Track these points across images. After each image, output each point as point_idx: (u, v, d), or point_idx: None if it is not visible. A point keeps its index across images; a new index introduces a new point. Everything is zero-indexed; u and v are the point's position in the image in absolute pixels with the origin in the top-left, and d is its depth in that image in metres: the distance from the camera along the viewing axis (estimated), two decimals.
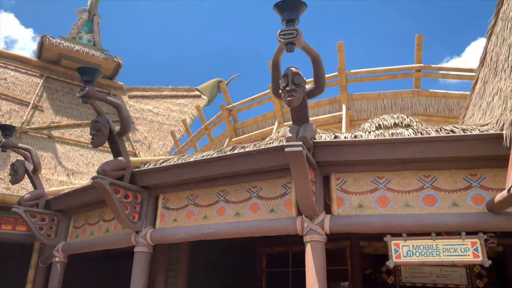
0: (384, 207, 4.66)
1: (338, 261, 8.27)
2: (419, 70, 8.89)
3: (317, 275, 4.44)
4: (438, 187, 4.58)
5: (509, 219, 4.25)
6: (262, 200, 5.11)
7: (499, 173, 4.43)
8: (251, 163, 4.98)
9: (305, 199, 4.42)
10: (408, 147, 4.49)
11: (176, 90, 16.29)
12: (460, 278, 7.94)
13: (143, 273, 5.56)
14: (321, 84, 4.33)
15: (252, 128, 10.84)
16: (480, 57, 5.58)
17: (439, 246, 4.45)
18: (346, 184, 4.84)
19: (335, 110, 9.60)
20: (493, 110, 4.64)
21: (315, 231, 4.60)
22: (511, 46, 4.30)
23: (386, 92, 9.25)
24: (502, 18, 4.85)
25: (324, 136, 4.97)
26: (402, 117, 7.03)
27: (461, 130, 4.44)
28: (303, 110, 4.41)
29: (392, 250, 4.55)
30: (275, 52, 4.18)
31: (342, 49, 8.88)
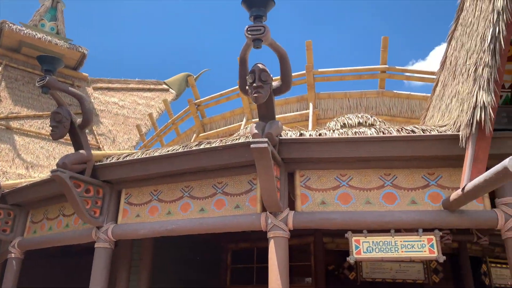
0: (346, 204, 4.76)
1: (302, 257, 8.37)
2: (384, 71, 9.13)
3: (279, 270, 4.48)
4: (398, 185, 4.73)
5: (463, 216, 4.45)
6: (228, 196, 5.10)
7: (455, 172, 4.63)
8: (217, 159, 4.96)
9: (270, 196, 4.45)
10: (370, 145, 4.60)
11: (143, 83, 15.97)
12: (418, 274, 8.23)
13: (103, 269, 5.43)
14: (288, 82, 4.36)
15: (220, 124, 10.80)
16: (441, 60, 5.79)
17: (398, 242, 4.61)
18: (310, 181, 4.91)
19: (303, 108, 9.72)
20: (451, 112, 4.84)
21: (279, 227, 4.64)
22: (469, 51, 4.49)
23: (352, 92, 9.45)
24: (461, 24, 5.05)
25: (290, 133, 5.02)
26: (366, 116, 7.20)
27: (421, 131, 4.60)
28: (269, 107, 4.43)
29: (352, 246, 4.66)
30: (243, 48, 4.17)
31: (310, 48, 8.98)
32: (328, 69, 9.37)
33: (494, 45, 3.90)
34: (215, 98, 10.75)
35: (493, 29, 3.90)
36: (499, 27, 3.86)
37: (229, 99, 10.52)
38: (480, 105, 3.92)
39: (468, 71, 4.39)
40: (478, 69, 4.05)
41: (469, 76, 4.32)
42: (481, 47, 4.08)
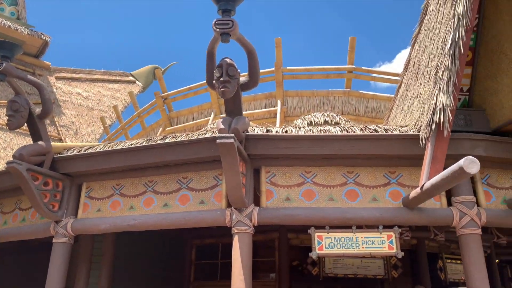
0: (310, 200, 4.82)
1: (266, 253, 8.43)
2: (351, 71, 9.30)
3: (243, 266, 4.48)
4: (360, 182, 4.84)
5: (421, 214, 4.61)
6: (192, 192, 5.05)
7: (415, 171, 4.78)
8: (182, 153, 4.89)
9: (235, 191, 4.44)
10: (334, 143, 4.68)
11: (108, 74, 15.52)
12: (378, 269, 8.48)
13: (61, 265, 5.25)
14: (256, 78, 4.36)
15: (188, 118, 10.66)
16: (405, 62, 5.96)
17: (359, 238, 4.71)
18: (276, 177, 4.94)
19: (271, 105, 9.75)
20: (412, 113, 4.99)
21: (243, 222, 4.64)
22: (431, 54, 4.64)
23: (319, 91, 9.57)
24: (425, 27, 5.21)
25: (256, 129, 5.02)
26: (332, 115, 7.29)
27: (384, 130, 4.72)
28: (236, 102, 4.41)
29: (315, 242, 4.73)
30: (210, 42, 4.13)
31: (279, 45, 9.02)
32: (297, 67, 9.45)
33: (454, 50, 4.05)
34: (183, 92, 10.59)
35: (453, 34, 4.04)
36: (459, 33, 4.01)
37: (197, 94, 10.40)
38: (439, 107, 4.06)
39: (430, 74, 4.54)
40: (439, 72, 4.19)
41: (430, 79, 4.47)
42: (442, 51, 4.23)
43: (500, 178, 4.85)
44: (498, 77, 4.71)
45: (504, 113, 4.64)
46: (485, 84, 4.94)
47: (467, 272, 4.35)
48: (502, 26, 4.59)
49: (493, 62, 4.78)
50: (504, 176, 4.87)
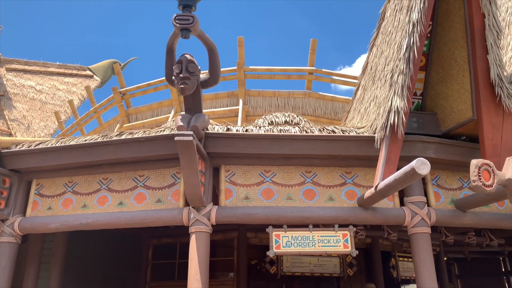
0: (269, 199, 4.84)
1: (225, 252, 8.40)
2: (311, 73, 9.43)
3: (199, 265, 4.43)
4: (317, 182, 4.91)
5: (375, 213, 4.75)
6: (149, 190, 4.93)
7: (370, 171, 4.92)
8: (139, 150, 4.77)
9: (193, 190, 4.38)
10: (293, 143, 4.73)
11: (64, 67, 14.87)
12: (334, 268, 8.67)
13: (7, 266, 4.96)
14: (216, 75, 4.31)
15: (147, 115, 10.41)
16: (363, 66, 6.11)
17: (315, 237, 4.79)
18: (235, 176, 4.92)
19: (233, 104, 9.72)
20: (369, 115, 5.13)
21: (201, 222, 4.59)
22: (387, 58, 4.79)
23: (281, 91, 9.65)
24: (382, 32, 5.38)
25: (217, 128, 4.98)
26: (292, 115, 7.38)
27: (341, 131, 4.82)
28: (196, 99, 4.35)
29: (273, 241, 4.76)
30: (170, 37, 4.05)
31: (242, 44, 9.01)
32: (259, 67, 9.47)
33: (409, 54, 4.20)
34: (142, 88, 10.33)
35: (408, 39, 4.19)
36: (414, 38, 4.16)
37: (157, 90, 10.17)
38: (394, 110, 4.20)
39: (386, 77, 4.69)
40: (394, 76, 4.33)
41: (386, 82, 4.62)
42: (397, 56, 4.37)
43: (449, 179, 5.09)
44: (449, 83, 4.93)
45: (454, 117, 4.86)
46: (437, 89, 5.17)
47: (417, 269, 4.52)
48: (454, 34, 4.82)
49: (445, 68, 5.00)
50: (453, 177, 5.11)
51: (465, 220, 4.91)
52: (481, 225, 5.15)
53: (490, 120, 4.42)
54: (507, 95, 4.39)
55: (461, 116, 4.72)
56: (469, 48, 4.52)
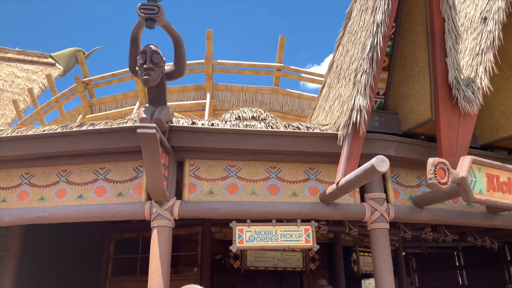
0: (233, 194, 4.84)
1: (190, 247, 8.35)
2: (280, 69, 9.48)
3: (161, 260, 4.38)
4: (282, 178, 4.96)
5: (336, 209, 4.85)
6: (110, 183, 4.81)
7: (332, 168, 5.01)
8: (100, 142, 4.64)
9: (156, 184, 4.31)
10: (259, 139, 4.74)
11: (24, 53, 14.20)
12: (297, 262, 8.80)
13: None
14: (181, 67, 4.25)
15: (111, 106, 10.14)
16: (329, 64, 6.20)
17: (278, 232, 4.84)
18: (200, 171, 4.89)
19: (200, 97, 9.63)
20: (333, 113, 5.22)
21: (164, 216, 4.53)
22: (352, 57, 4.88)
23: (249, 86, 9.65)
24: (348, 31, 5.47)
25: (182, 121, 4.92)
26: (260, 111, 7.40)
27: (305, 128, 4.88)
28: (160, 91, 4.27)
29: (236, 235, 4.77)
30: (135, 27, 3.95)
31: (210, 38, 8.92)
32: (227, 61, 9.42)
33: (372, 54, 4.29)
34: (107, 78, 10.03)
35: (372, 39, 4.29)
36: (377, 39, 4.26)
37: (122, 80, 9.91)
38: (357, 108, 4.29)
39: (350, 76, 4.78)
40: (358, 75, 4.42)
41: (350, 81, 4.71)
42: (361, 55, 4.47)
43: (408, 177, 5.26)
44: (410, 84, 5.09)
45: (414, 117, 5.03)
46: (399, 89, 5.32)
47: (375, 264, 4.66)
48: (415, 36, 4.97)
49: (406, 69, 5.15)
50: (412, 175, 5.29)
51: (422, 217, 5.10)
52: (436, 221, 5.37)
53: (447, 121, 4.59)
54: (463, 97, 4.58)
55: (421, 116, 4.88)
56: (429, 50, 4.67)
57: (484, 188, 4.22)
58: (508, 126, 5.45)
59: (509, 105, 5.46)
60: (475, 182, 4.15)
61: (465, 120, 4.69)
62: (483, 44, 4.74)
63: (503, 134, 5.50)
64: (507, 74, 5.46)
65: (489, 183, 4.26)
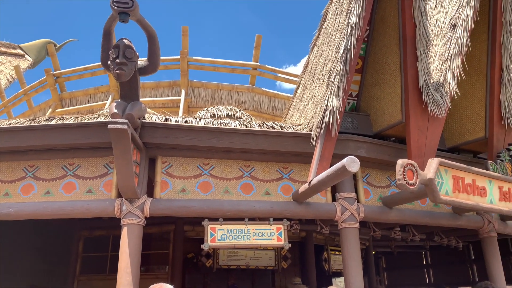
0: (206, 192, 4.82)
1: (161, 245, 8.26)
2: (256, 68, 9.50)
3: (131, 258, 4.31)
4: (255, 176, 4.97)
5: (308, 208, 4.90)
6: (79, 179, 4.70)
7: (305, 167, 5.07)
8: (70, 137, 4.52)
9: (126, 181, 4.24)
10: (233, 137, 4.73)
11: None
12: (269, 261, 8.84)
13: None
14: (155, 63, 4.19)
15: (82, 100, 9.89)
16: (304, 65, 6.26)
17: (250, 230, 4.85)
18: (172, 168, 4.84)
19: (175, 94, 9.53)
20: (307, 113, 5.27)
21: (134, 214, 4.46)
22: (326, 59, 4.94)
23: (225, 84, 9.62)
24: (323, 33, 5.53)
25: (154, 117, 4.85)
26: (235, 109, 7.39)
27: (280, 127, 4.91)
28: (133, 87, 4.20)
29: (208, 234, 4.75)
30: (108, 20, 3.87)
31: (186, 34, 8.85)
32: (203, 58, 9.36)
33: (346, 56, 4.36)
34: (78, 72, 9.78)
35: (346, 41, 4.35)
36: (351, 41, 4.33)
37: (95, 75, 9.69)
38: (330, 109, 4.35)
39: (324, 77, 4.84)
40: (331, 76, 4.48)
41: (324, 82, 4.77)
42: (335, 57, 4.53)
43: (378, 177, 5.38)
44: (382, 86, 5.20)
45: (385, 119, 5.14)
46: (371, 91, 5.43)
47: (345, 262, 4.74)
48: (388, 40, 5.08)
49: (379, 72, 5.26)
50: (382, 176, 5.41)
51: (391, 216, 5.22)
52: (405, 221, 5.50)
53: (417, 124, 4.72)
54: (433, 101, 4.72)
55: (392, 118, 5.00)
56: (401, 54, 4.79)
57: (450, 190, 4.35)
58: (474, 130, 5.66)
59: (475, 110, 5.66)
60: (441, 184, 4.28)
61: (434, 123, 4.83)
62: (452, 50, 4.89)
63: (469, 138, 5.70)
64: (473, 80, 5.66)
65: (455, 185, 4.40)
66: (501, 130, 5.42)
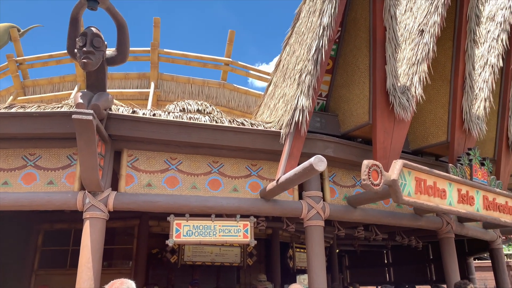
0: (173, 187, 4.75)
1: (126, 240, 8.10)
2: (228, 64, 9.46)
3: (92, 253, 4.19)
4: (224, 173, 4.95)
5: (275, 205, 4.93)
6: (40, 170, 4.52)
7: (274, 165, 5.09)
8: (31, 126, 4.33)
9: (90, 173, 4.12)
10: (202, 132, 4.69)
11: None
12: (235, 257, 8.85)
13: None
14: (124, 53, 4.08)
15: (46, 89, 9.52)
16: (276, 63, 6.28)
17: (217, 227, 4.83)
18: (138, 162, 4.74)
19: (144, 86, 9.35)
20: (277, 111, 5.29)
21: (97, 207, 4.34)
22: (298, 58, 4.97)
23: (196, 79, 9.52)
24: (296, 32, 5.57)
25: (122, 109, 4.73)
26: (205, 104, 7.31)
27: (250, 124, 4.90)
28: (100, 77, 4.08)
29: (173, 229, 4.70)
30: (75, 6, 3.73)
31: (158, 25, 8.68)
32: (174, 51, 9.22)
33: (317, 56, 4.40)
34: (43, 59, 9.40)
35: (318, 41, 4.39)
36: (323, 41, 4.37)
37: (60, 63, 9.35)
38: (299, 108, 4.38)
39: (295, 76, 4.86)
40: (302, 75, 4.51)
41: (295, 81, 4.79)
42: (307, 56, 4.56)
43: (344, 177, 5.47)
44: (351, 87, 5.29)
45: (353, 120, 5.23)
46: (340, 92, 5.51)
47: (309, 259, 4.80)
48: (359, 42, 5.17)
49: (348, 73, 5.35)
50: (348, 175, 5.51)
51: (355, 216, 5.33)
52: (368, 220, 5.64)
53: (383, 125, 4.83)
54: (399, 104, 4.84)
55: (359, 119, 5.09)
56: (371, 57, 4.88)
57: (412, 191, 4.49)
58: (437, 134, 5.85)
59: (439, 115, 5.86)
60: (404, 185, 4.41)
61: (399, 125, 4.96)
62: (419, 55, 5.03)
63: (432, 141, 5.89)
64: (438, 85, 5.86)
65: (417, 186, 4.54)
66: (462, 135, 5.64)
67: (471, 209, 5.02)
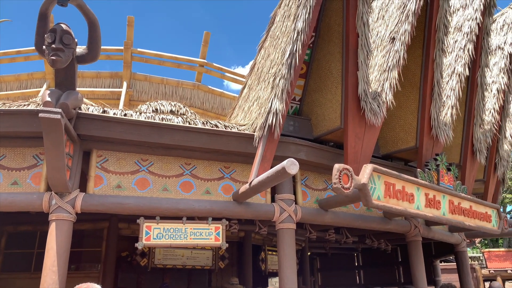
0: (143, 189, 4.67)
1: (94, 243, 7.89)
2: (203, 65, 9.41)
3: (58, 256, 4.07)
4: (196, 175, 4.90)
5: (248, 208, 4.92)
6: (4, 170, 4.36)
7: (247, 168, 5.08)
8: None
9: (57, 174, 3.99)
10: (175, 134, 4.63)
11: None
12: (207, 260, 8.78)
13: None
14: (95, 51, 3.99)
15: (13, 86, 9.19)
16: (251, 65, 6.29)
17: (188, 229, 4.78)
18: (108, 163, 4.64)
19: (116, 85, 9.17)
20: (251, 114, 5.30)
21: (64, 209, 4.22)
22: (272, 62, 5.00)
23: (169, 79, 9.42)
24: (271, 36, 5.60)
25: (91, 108, 4.63)
26: (179, 105, 7.25)
27: (223, 126, 4.88)
28: (69, 75, 3.97)
29: (143, 232, 4.61)
30: (44, 1, 3.62)
31: (132, 24, 8.54)
32: (148, 51, 9.09)
33: (291, 61, 4.44)
34: (10, 55, 9.07)
35: (292, 46, 4.43)
36: (297, 46, 4.42)
37: (29, 59, 9.05)
38: (273, 111, 4.40)
39: (269, 80, 4.88)
40: (276, 79, 4.54)
41: (269, 84, 4.81)
42: (281, 60, 4.59)
43: (316, 180, 5.53)
44: (324, 92, 5.36)
45: (325, 124, 5.30)
46: (313, 96, 5.57)
47: (280, 262, 4.82)
48: (332, 47, 5.25)
49: (322, 78, 5.42)
50: (319, 179, 5.57)
51: (327, 219, 5.39)
52: (339, 223, 5.71)
53: (354, 130, 4.92)
54: (370, 110, 4.94)
55: (331, 124, 5.16)
56: (343, 62, 4.96)
57: (382, 195, 4.58)
58: (406, 139, 6.01)
59: (408, 120, 6.01)
60: (374, 189, 4.49)
61: (370, 130, 5.06)
62: (390, 62, 5.15)
63: (402, 146, 6.04)
64: (408, 92, 6.02)
65: (386, 190, 4.63)
66: (430, 141, 5.81)
67: (437, 213, 5.17)
